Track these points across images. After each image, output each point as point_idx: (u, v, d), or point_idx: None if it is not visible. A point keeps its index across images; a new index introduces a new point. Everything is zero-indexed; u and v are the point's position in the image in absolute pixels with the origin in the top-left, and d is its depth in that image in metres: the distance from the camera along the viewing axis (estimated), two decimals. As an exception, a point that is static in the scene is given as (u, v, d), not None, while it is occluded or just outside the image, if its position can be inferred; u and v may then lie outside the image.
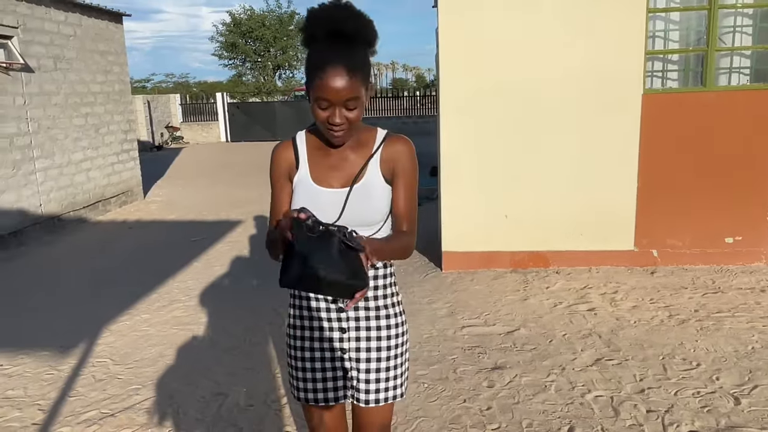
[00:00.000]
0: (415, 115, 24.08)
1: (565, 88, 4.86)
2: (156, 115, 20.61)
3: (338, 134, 1.57)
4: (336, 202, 1.64)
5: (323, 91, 1.50)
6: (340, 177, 1.66)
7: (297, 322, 1.78)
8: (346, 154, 1.68)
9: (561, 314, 4.21)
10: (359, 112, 1.56)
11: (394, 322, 1.77)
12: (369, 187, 1.65)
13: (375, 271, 1.73)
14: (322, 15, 1.51)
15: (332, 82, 1.49)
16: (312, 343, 1.76)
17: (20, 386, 3.47)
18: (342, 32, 1.50)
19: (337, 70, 1.48)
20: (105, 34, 9.00)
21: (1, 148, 6.60)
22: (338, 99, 1.50)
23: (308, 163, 1.68)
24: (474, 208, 5.15)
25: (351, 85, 1.50)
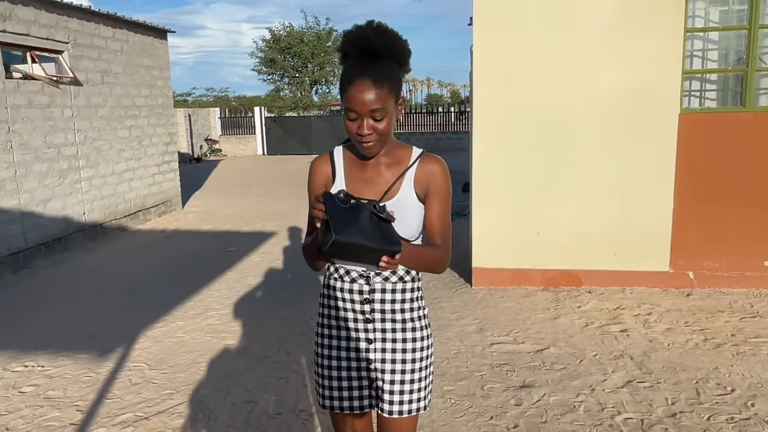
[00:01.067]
0: (449, 130, 24.11)
1: (600, 107, 4.85)
2: (196, 128, 21.15)
3: (367, 144, 1.62)
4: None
5: (351, 102, 1.58)
6: (374, 191, 1.71)
7: (325, 331, 1.83)
8: (381, 169, 1.73)
9: (592, 334, 4.17)
10: (387, 124, 1.61)
11: (419, 335, 1.80)
12: (402, 203, 1.69)
13: (403, 284, 1.77)
14: (354, 34, 1.62)
15: (359, 93, 1.56)
16: (339, 352, 1.81)
17: (60, 387, 3.61)
18: (371, 49, 1.59)
19: (363, 82, 1.56)
20: (150, 49, 9.33)
21: (49, 158, 6.89)
22: (364, 109, 1.57)
23: (344, 176, 1.74)
24: (505, 225, 5.15)
25: (377, 96, 1.56)
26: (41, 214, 6.75)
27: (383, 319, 1.77)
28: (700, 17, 5.00)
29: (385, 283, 1.75)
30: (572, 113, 4.89)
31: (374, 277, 1.74)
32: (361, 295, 1.75)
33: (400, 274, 1.76)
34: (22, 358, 4.05)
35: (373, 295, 1.75)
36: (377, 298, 1.75)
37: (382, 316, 1.77)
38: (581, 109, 4.87)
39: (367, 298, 1.75)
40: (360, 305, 1.76)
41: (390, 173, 1.72)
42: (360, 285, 1.75)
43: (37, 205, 6.69)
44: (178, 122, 19.52)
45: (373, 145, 1.63)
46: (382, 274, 1.73)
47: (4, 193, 6.18)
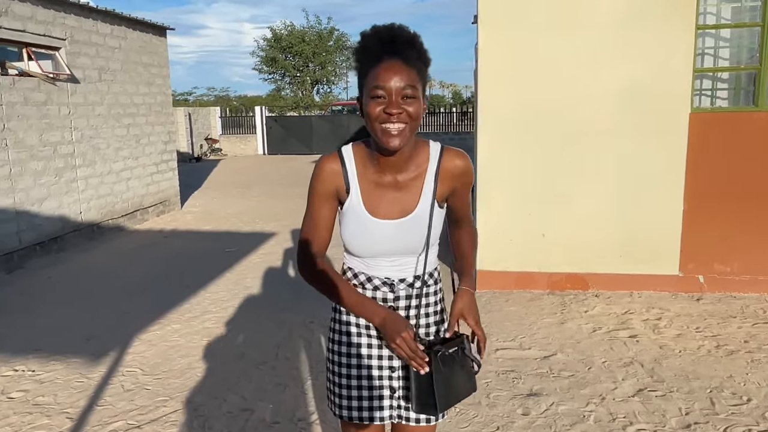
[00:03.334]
0: (451, 131, 23.99)
1: (608, 106, 4.72)
2: (196, 127, 21.04)
3: (395, 126, 1.45)
4: (389, 234, 1.61)
5: (379, 79, 1.43)
6: (394, 206, 1.60)
7: (343, 338, 1.72)
8: (397, 176, 1.60)
9: (600, 340, 4.04)
10: (416, 109, 1.46)
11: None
12: (421, 218, 1.61)
13: (426, 288, 1.69)
14: (376, 29, 1.51)
15: (388, 71, 1.44)
16: (360, 360, 1.70)
17: (51, 393, 3.48)
18: (395, 40, 1.47)
19: (393, 61, 1.44)
20: (149, 47, 9.21)
21: (45, 156, 6.77)
22: (396, 86, 1.43)
23: (360, 187, 1.60)
24: (510, 227, 5.02)
25: (407, 75, 1.44)
26: (37, 214, 6.63)
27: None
28: (711, 14, 4.88)
29: (409, 289, 1.67)
30: (579, 112, 4.76)
31: (398, 284, 1.66)
32: (385, 303, 1.67)
33: (424, 278, 1.69)
34: (13, 362, 3.92)
35: (398, 302, 1.67)
36: (402, 305, 1.67)
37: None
38: (588, 108, 4.74)
39: (392, 307, 1.67)
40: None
41: (409, 177, 1.60)
42: (384, 293, 1.67)
43: (33, 204, 6.57)
44: (179, 121, 19.41)
45: (400, 133, 1.46)
46: (406, 280, 1.67)
47: (-2, 192, 6.06)
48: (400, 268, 1.66)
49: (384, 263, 1.65)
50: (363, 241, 1.62)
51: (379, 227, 1.59)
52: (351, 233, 1.62)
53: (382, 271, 1.65)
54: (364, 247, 1.63)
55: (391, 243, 1.61)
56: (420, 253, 1.65)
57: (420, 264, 1.67)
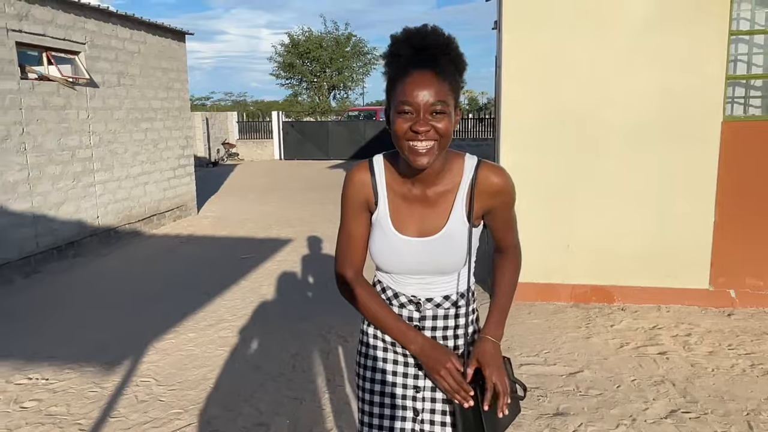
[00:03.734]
0: (468, 137, 23.83)
1: (637, 114, 4.57)
2: (213, 132, 21.11)
3: (422, 144, 1.35)
4: (416, 252, 1.51)
5: (406, 95, 1.34)
6: (421, 223, 1.51)
7: (370, 351, 1.65)
8: (428, 191, 1.50)
9: (628, 356, 3.88)
10: (446, 126, 1.36)
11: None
12: (450, 237, 1.50)
13: (456, 309, 1.58)
14: (408, 33, 1.40)
15: (417, 85, 1.33)
16: (384, 375, 1.63)
17: (64, 403, 3.41)
18: (428, 47, 1.36)
19: (424, 74, 1.34)
20: (168, 51, 9.21)
21: (63, 161, 6.76)
22: (424, 102, 1.33)
23: (388, 199, 1.53)
24: (533, 237, 4.87)
25: (439, 89, 1.34)
26: (54, 218, 6.62)
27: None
28: (745, 20, 4.70)
29: (437, 309, 1.57)
30: (607, 118, 4.62)
31: (425, 303, 1.56)
32: (411, 322, 1.58)
33: (454, 299, 1.58)
34: (27, 369, 3.87)
35: (424, 322, 1.57)
36: (428, 325, 1.58)
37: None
38: (615, 116, 4.60)
39: (417, 326, 1.57)
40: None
41: (440, 193, 1.50)
42: (410, 311, 1.58)
43: (50, 208, 6.56)
44: (196, 126, 19.48)
45: (429, 151, 1.37)
46: (434, 299, 1.56)
47: (16, 196, 6.05)
48: (427, 287, 1.56)
49: (411, 281, 1.56)
50: (388, 256, 1.54)
51: (405, 244, 1.51)
52: (377, 248, 1.55)
53: (409, 289, 1.57)
54: (389, 263, 1.55)
55: (418, 261, 1.52)
56: (450, 273, 1.55)
57: (450, 284, 1.57)
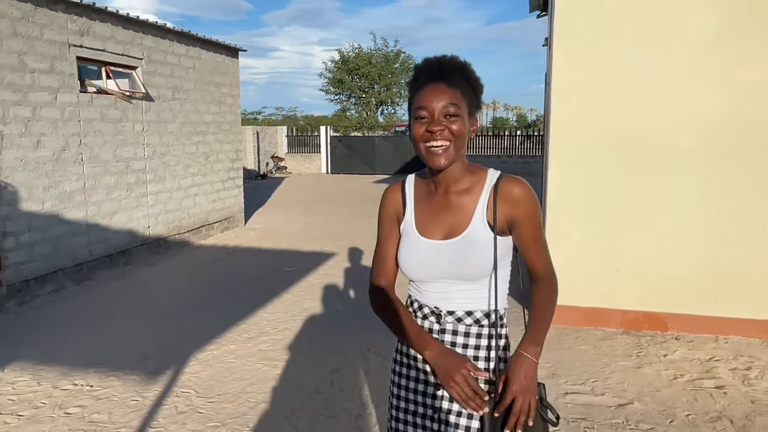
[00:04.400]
0: (515, 154, 23.54)
1: (698, 136, 4.37)
2: (263, 146, 21.53)
3: (437, 143, 1.46)
4: (437, 255, 1.53)
5: (422, 100, 1.46)
6: (443, 227, 1.54)
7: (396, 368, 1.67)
8: (451, 199, 1.55)
9: (683, 389, 3.67)
10: (460, 128, 1.46)
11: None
12: (470, 241, 1.50)
13: (479, 328, 1.55)
14: (427, 61, 1.54)
15: (432, 91, 1.46)
16: (407, 393, 1.66)
17: (106, 410, 3.46)
18: (444, 70, 1.48)
19: (437, 83, 1.47)
20: (222, 67, 9.45)
21: (117, 171, 6.98)
22: (436, 104, 1.45)
23: (414, 209, 1.61)
24: (581, 260, 4.72)
25: (451, 94, 1.45)
26: (107, 227, 6.83)
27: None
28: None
29: (457, 324, 1.54)
30: (664, 141, 4.43)
31: (446, 316, 1.55)
32: (431, 334, 1.56)
33: (477, 316, 1.54)
34: (73, 375, 3.96)
35: (443, 336, 1.55)
36: (447, 339, 1.55)
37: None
38: (675, 137, 4.41)
39: (436, 339, 1.55)
40: None
41: (462, 202, 1.54)
42: (430, 323, 1.57)
43: (104, 217, 6.77)
44: (247, 139, 19.92)
45: (444, 151, 1.47)
46: (456, 313, 1.54)
47: (72, 205, 6.28)
48: (449, 297, 1.55)
49: (433, 289, 1.56)
50: (411, 260, 1.57)
51: (428, 247, 1.55)
52: (401, 251, 1.61)
53: (432, 299, 1.57)
54: (411, 266, 1.58)
55: (438, 264, 1.53)
56: (473, 280, 1.52)
57: (474, 300, 1.54)
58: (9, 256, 5.49)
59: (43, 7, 5.79)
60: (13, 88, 5.47)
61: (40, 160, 5.83)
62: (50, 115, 5.94)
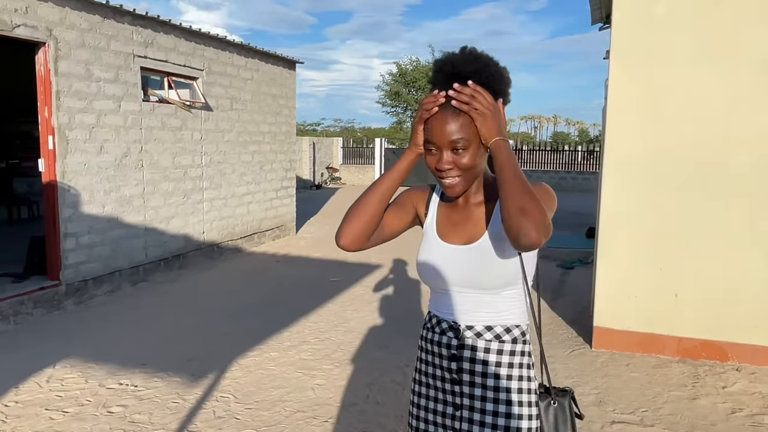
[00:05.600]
0: (574, 170, 22.95)
1: (758, 155, 4.11)
2: (319, 156, 21.87)
3: (448, 181, 1.44)
4: (454, 260, 1.50)
5: (429, 134, 1.42)
6: (462, 233, 1.51)
7: (415, 387, 1.63)
8: (471, 209, 1.53)
9: (741, 424, 3.43)
10: (471, 158, 1.41)
11: (517, 413, 1.45)
12: (487, 248, 1.46)
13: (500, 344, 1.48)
14: (441, 61, 1.46)
15: (437, 123, 1.40)
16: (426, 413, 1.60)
17: (147, 411, 3.54)
18: (458, 75, 1.39)
19: (444, 112, 1.40)
20: (279, 79, 9.66)
21: (175, 178, 7.21)
22: (443, 141, 1.40)
23: (437, 212, 1.59)
24: (635, 281, 4.50)
25: (458, 126, 1.39)
26: (163, 231, 7.05)
27: (472, 382, 1.48)
28: None
29: (477, 339, 1.48)
30: (726, 158, 4.19)
31: (465, 331, 1.49)
32: (449, 350, 1.51)
33: (498, 331, 1.47)
34: (119, 374, 4.07)
35: (462, 351, 1.49)
36: (466, 355, 1.49)
37: (470, 379, 1.48)
38: (738, 155, 4.17)
39: (455, 354, 1.50)
40: (447, 362, 1.51)
41: (479, 212, 1.51)
42: (449, 338, 1.52)
43: (161, 222, 6.99)
44: (303, 150, 20.29)
45: (455, 183, 1.44)
46: (474, 328, 1.48)
47: (131, 209, 6.52)
48: (467, 310, 1.49)
49: (452, 301, 1.51)
50: (430, 265, 1.54)
51: (447, 252, 1.51)
52: (421, 257, 1.57)
53: (451, 313, 1.52)
54: (428, 270, 1.54)
55: (455, 271, 1.49)
56: (491, 291, 1.46)
57: (493, 314, 1.48)
58: (69, 257, 5.74)
59: (110, 19, 6.07)
60: (80, 96, 5.74)
61: (103, 165, 6.08)
62: (113, 122, 6.21)
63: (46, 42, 5.36)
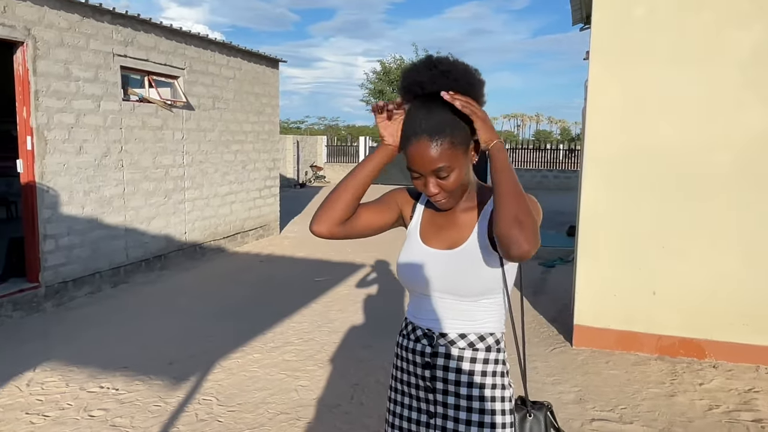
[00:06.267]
0: (556, 168, 23.15)
1: (740, 154, 4.19)
2: (303, 155, 21.80)
3: (439, 202, 1.46)
4: (435, 265, 1.49)
5: (409, 162, 1.42)
6: (445, 238, 1.51)
7: (391, 395, 1.64)
8: (456, 214, 1.52)
9: (718, 421, 3.50)
10: (456, 179, 1.41)
11: (489, 421, 1.45)
12: (468, 255, 1.45)
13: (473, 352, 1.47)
14: (408, 80, 1.42)
15: (416, 152, 1.39)
16: (401, 421, 1.59)
17: (128, 415, 3.51)
18: (427, 92, 1.38)
19: (420, 140, 1.38)
20: (262, 78, 9.61)
21: (156, 178, 7.15)
22: (425, 170, 1.40)
23: (422, 214, 1.59)
24: (615, 280, 4.57)
25: (437, 154, 1.37)
26: (144, 232, 6.99)
27: (446, 390, 1.48)
28: None
29: (450, 347, 1.47)
30: (704, 158, 4.27)
31: (438, 338, 1.48)
32: (423, 357, 1.51)
33: (471, 339, 1.47)
34: (101, 378, 4.04)
35: (435, 359, 1.49)
36: (439, 363, 1.48)
37: (444, 387, 1.48)
38: (716, 155, 4.24)
39: (428, 362, 1.49)
40: (421, 369, 1.51)
41: (468, 216, 1.50)
42: (423, 345, 1.52)
43: (141, 222, 6.93)
44: (287, 148, 20.20)
45: (447, 201, 1.46)
46: (448, 336, 1.48)
47: (111, 210, 6.45)
48: (443, 317, 1.48)
49: (429, 306, 1.51)
50: (408, 266, 1.53)
51: (428, 256, 1.51)
52: (401, 257, 1.57)
53: (427, 321, 1.52)
54: (408, 275, 1.54)
55: (435, 276, 1.48)
56: (468, 299, 1.46)
57: (469, 322, 1.47)
58: (48, 258, 5.67)
59: (90, 17, 6.00)
60: (58, 96, 5.67)
61: (82, 165, 6.01)
62: (93, 122, 6.14)
63: (24, 41, 5.28)
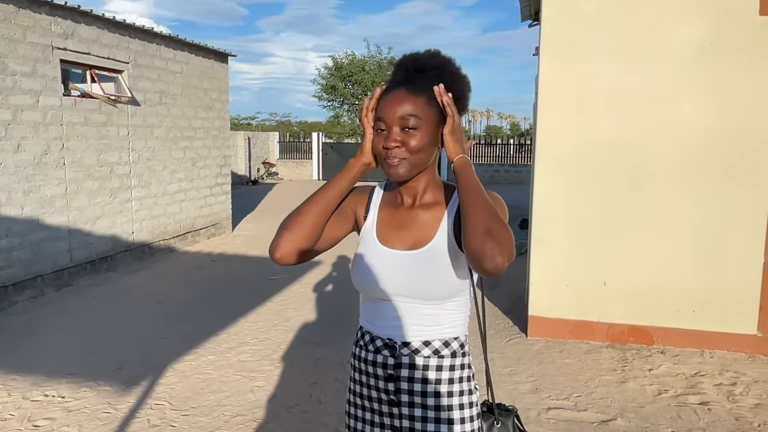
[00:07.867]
0: (507, 163, 23.57)
1: (681, 147, 4.34)
2: (255, 151, 21.44)
3: (392, 162, 1.36)
4: (396, 267, 1.40)
5: (380, 111, 1.37)
6: (406, 238, 1.42)
7: (351, 410, 1.54)
8: (417, 212, 1.44)
9: (667, 405, 3.62)
10: (421, 140, 1.35)
11: (459, 430, 1.41)
12: (434, 255, 1.38)
13: (439, 360, 1.40)
14: (404, 57, 1.46)
15: (391, 99, 1.36)
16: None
17: (76, 423, 3.36)
18: (419, 68, 1.39)
19: (397, 91, 1.36)
20: (210, 72, 9.38)
21: (101, 176, 6.88)
22: (393, 116, 1.34)
23: (378, 216, 1.49)
24: (567, 271, 4.67)
25: (410, 104, 1.34)
26: (89, 232, 6.72)
27: (411, 403, 1.41)
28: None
29: (414, 357, 1.40)
30: (649, 152, 4.40)
31: (401, 348, 1.40)
32: (385, 369, 1.41)
33: (436, 346, 1.40)
34: (46, 386, 3.85)
35: (399, 371, 1.40)
36: (404, 375, 1.40)
37: (409, 399, 1.41)
38: (659, 148, 4.38)
39: (391, 374, 1.41)
40: (384, 382, 1.42)
41: (429, 215, 1.43)
42: (384, 357, 1.42)
43: (86, 222, 6.66)
44: (238, 145, 19.83)
45: (400, 164, 1.36)
46: (412, 345, 1.40)
47: (53, 210, 6.17)
48: (405, 324, 1.40)
49: (388, 313, 1.41)
50: (365, 269, 1.43)
51: (388, 257, 1.41)
52: (357, 260, 1.46)
53: (387, 329, 1.42)
54: (365, 277, 1.43)
55: (397, 278, 1.39)
56: (432, 303, 1.38)
57: (432, 328, 1.40)
58: (-15, 262, 5.38)
59: (26, 9, 5.70)
60: (-7, 91, 5.38)
61: (21, 164, 5.72)
62: (32, 118, 5.85)
63: (-48, 32, 4.98)
